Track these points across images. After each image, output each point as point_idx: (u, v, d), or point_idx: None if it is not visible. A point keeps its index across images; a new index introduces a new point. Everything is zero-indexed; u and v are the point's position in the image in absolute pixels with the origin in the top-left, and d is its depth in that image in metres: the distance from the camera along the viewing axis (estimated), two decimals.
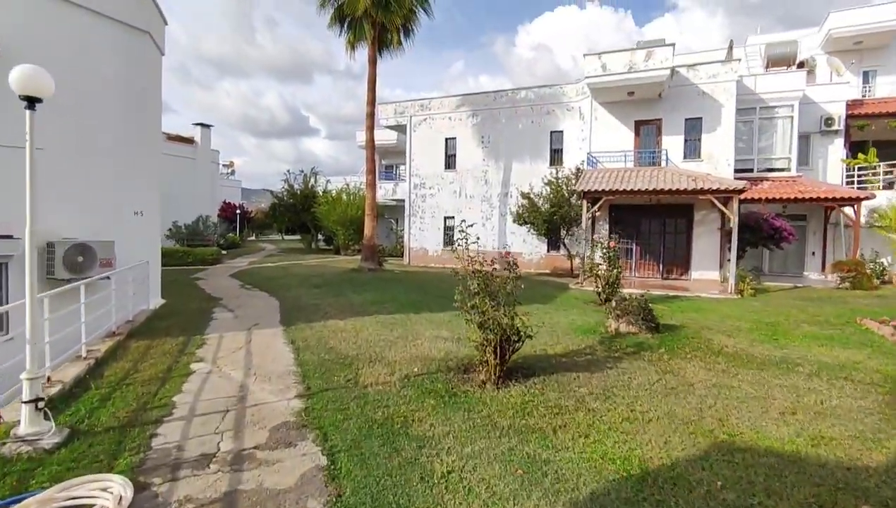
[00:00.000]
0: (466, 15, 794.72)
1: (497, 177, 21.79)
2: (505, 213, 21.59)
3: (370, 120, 18.24)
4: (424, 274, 19.00)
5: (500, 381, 5.90)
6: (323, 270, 19.05)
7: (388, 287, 14.45)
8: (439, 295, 12.89)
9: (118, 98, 9.12)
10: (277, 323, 9.10)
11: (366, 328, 8.68)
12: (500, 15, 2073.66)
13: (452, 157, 22.83)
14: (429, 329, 8.78)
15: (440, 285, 15.19)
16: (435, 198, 23.20)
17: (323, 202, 29.52)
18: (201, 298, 12.03)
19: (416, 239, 23.79)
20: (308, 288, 13.90)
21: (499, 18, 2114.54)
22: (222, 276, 17.18)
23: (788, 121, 18.18)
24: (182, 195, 26.81)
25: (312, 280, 15.85)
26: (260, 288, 14.18)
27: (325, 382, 5.86)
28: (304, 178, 34.14)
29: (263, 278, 16.45)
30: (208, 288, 14.08)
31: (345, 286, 14.46)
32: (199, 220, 25.32)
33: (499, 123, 21.67)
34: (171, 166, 26.17)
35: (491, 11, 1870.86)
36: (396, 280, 16.24)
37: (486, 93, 22.01)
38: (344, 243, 29.17)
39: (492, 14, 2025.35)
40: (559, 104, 20.48)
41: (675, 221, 18.09)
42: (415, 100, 23.51)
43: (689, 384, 6.03)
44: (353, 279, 16.10)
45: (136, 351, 7.03)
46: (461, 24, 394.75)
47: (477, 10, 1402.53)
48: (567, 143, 20.42)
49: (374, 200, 18.48)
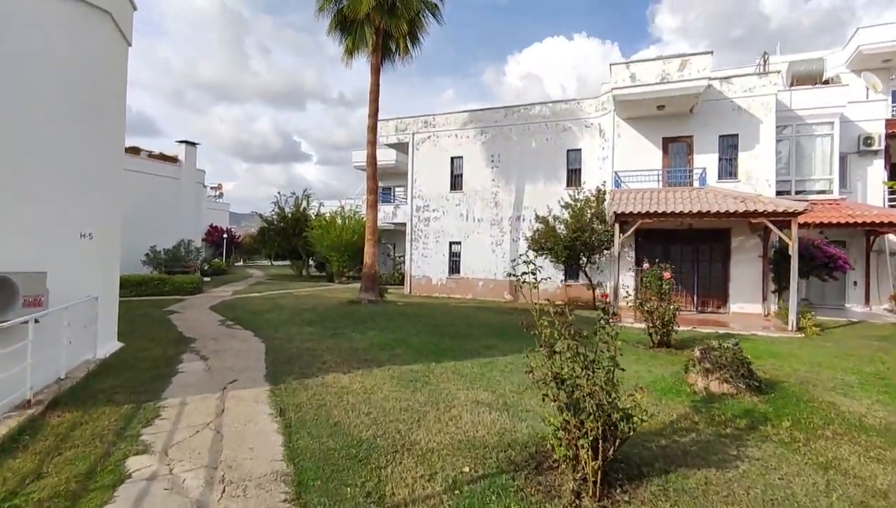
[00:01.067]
0: (457, 44, 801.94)
1: (508, 198, 20.00)
2: (517, 238, 19.72)
3: (372, 133, 16.43)
4: (431, 305, 16.93)
5: (601, 493, 3.85)
6: (316, 301, 16.92)
7: (394, 324, 12.37)
8: (458, 336, 10.85)
9: (66, 88, 7.16)
10: (262, 379, 6.98)
11: (379, 387, 6.59)
12: (491, 45, 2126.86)
13: (459, 178, 21.06)
14: (461, 388, 6.71)
15: (454, 321, 13.14)
16: (439, 222, 21.31)
17: (316, 226, 27.52)
18: (170, 340, 9.85)
19: (418, 266, 21.79)
20: (300, 326, 11.78)
21: (489, 48, 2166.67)
22: (201, 309, 14.98)
23: (828, 139, 16.68)
24: (163, 217, 24.68)
25: (305, 314, 13.72)
26: (243, 324, 12.03)
27: (333, 499, 3.75)
28: (295, 201, 32.16)
29: (248, 312, 14.29)
30: (182, 324, 11.90)
31: (344, 322, 12.35)
32: (181, 245, 23.14)
33: (510, 141, 20.01)
34: (152, 186, 24.19)
35: (481, 42, 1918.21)
36: (402, 314, 14.16)
37: (495, 109, 20.40)
38: (338, 270, 27.07)
39: (482, 44, 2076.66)
40: (576, 120, 18.89)
41: (709, 248, 16.31)
42: (418, 116, 21.85)
43: (879, 492, 4.02)
44: (353, 313, 14.00)
45: (53, 433, 4.88)
46: (452, 54, 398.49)
47: (468, 41, 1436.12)
48: (586, 163, 18.75)
49: (375, 223, 16.53)
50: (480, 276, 20.38)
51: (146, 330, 10.81)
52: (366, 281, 16.20)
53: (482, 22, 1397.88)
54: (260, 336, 10.46)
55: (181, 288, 18.99)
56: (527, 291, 4.66)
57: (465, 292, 20.63)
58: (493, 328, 12.21)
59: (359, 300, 15.99)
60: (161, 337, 10.04)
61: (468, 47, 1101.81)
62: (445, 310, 15.63)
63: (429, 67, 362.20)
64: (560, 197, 18.35)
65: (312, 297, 18.50)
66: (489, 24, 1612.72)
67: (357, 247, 26.78)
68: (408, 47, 16.62)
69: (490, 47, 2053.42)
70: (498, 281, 20.05)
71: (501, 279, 19.98)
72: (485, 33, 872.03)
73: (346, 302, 16.16)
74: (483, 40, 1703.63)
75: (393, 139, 22.44)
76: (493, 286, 20.11)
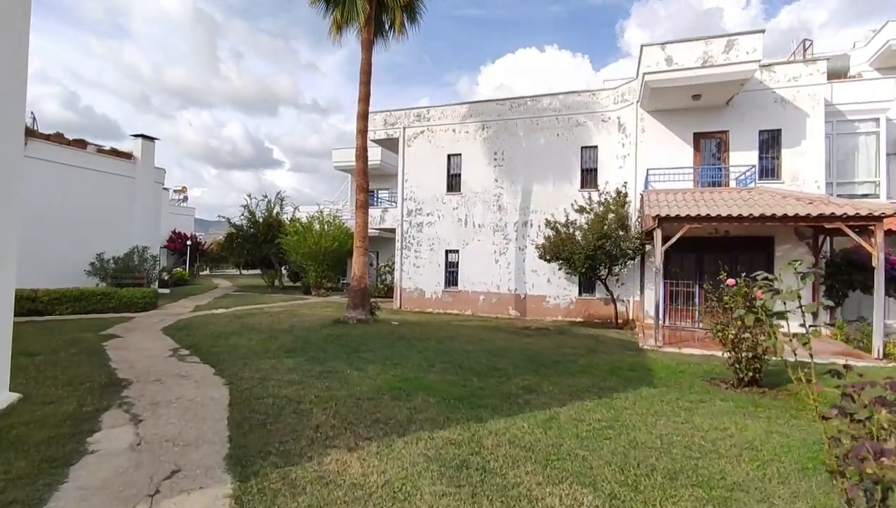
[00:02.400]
0: (432, 54, 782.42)
1: (513, 201, 17.74)
2: (524, 246, 17.46)
3: (363, 121, 13.91)
4: (431, 325, 14.43)
5: None
6: (294, 320, 14.21)
7: (396, 352, 9.84)
8: (482, 370, 8.43)
9: None
10: (220, 467, 4.38)
11: (414, 484, 4.08)
12: (464, 56, 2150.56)
13: (457, 178, 18.71)
14: (541, 479, 4.25)
15: (468, 347, 10.68)
16: (434, 228, 18.88)
17: (291, 232, 24.69)
18: (94, 384, 7.09)
19: (409, 277, 19.26)
20: (276, 356, 9.13)
21: (463, 59, 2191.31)
22: (151, 331, 12.12)
23: (873, 138, 15.01)
24: (115, 221, 21.45)
25: (281, 338, 11.05)
26: (201, 354, 9.30)
27: None
28: (267, 205, 29.20)
29: (210, 335, 11.52)
30: (119, 356, 9.09)
31: (332, 351, 9.75)
32: (134, 253, 19.98)
33: (515, 137, 17.79)
34: (101, 186, 20.97)
35: (457, 51, 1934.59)
36: (402, 338, 11.63)
37: (499, 101, 18.17)
38: (316, 281, 24.27)
39: (457, 54, 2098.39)
40: (592, 114, 16.82)
41: (749, 258, 14.33)
42: (410, 108, 19.45)
43: None
44: (341, 337, 11.39)
45: None
46: (427, 64, 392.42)
47: (442, 51, 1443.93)
48: (602, 161, 16.67)
49: (365, 228, 13.98)
50: (481, 289, 18.00)
51: (65, 368, 7.98)
52: (354, 296, 13.59)
53: (455, 33, 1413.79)
54: (222, 374, 7.79)
55: (131, 303, 15.97)
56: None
57: (463, 307, 18.21)
58: (520, 356, 9.82)
59: (346, 319, 13.37)
60: (82, 380, 7.25)
61: (442, 58, 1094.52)
62: (450, 331, 13.16)
63: (404, 77, 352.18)
64: (573, 199, 16.23)
65: (289, 314, 15.74)
66: (463, 36, 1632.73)
67: (337, 255, 24.13)
68: (404, 23, 14.26)
69: (463, 58, 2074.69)
70: (502, 294, 17.70)
71: (506, 292, 17.64)
72: (458, 44, 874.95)
73: (331, 322, 13.51)
74: (457, 51, 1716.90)
75: (381, 134, 19.94)
76: (496, 301, 17.74)
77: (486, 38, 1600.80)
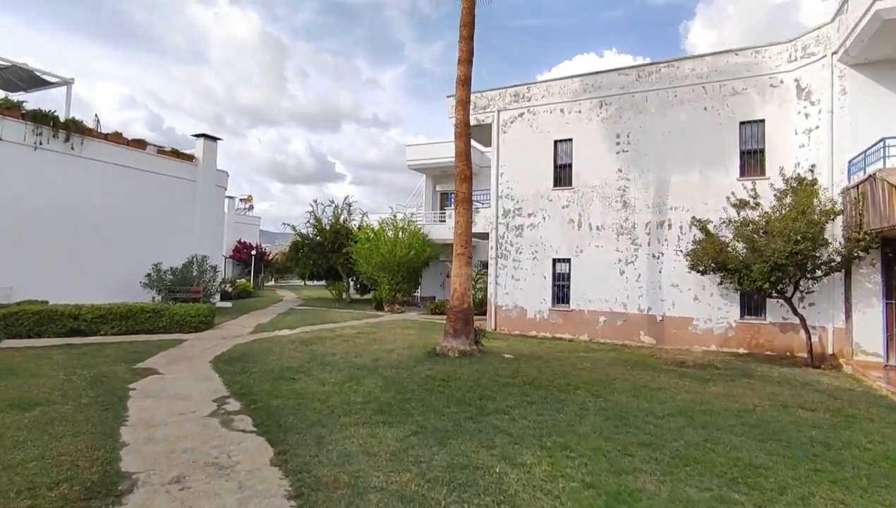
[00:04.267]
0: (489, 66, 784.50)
1: (643, 196, 13.86)
2: (660, 254, 13.50)
3: (463, 89, 10.69)
4: (552, 358, 10.82)
5: None
6: (375, 347, 11.09)
7: (546, 417, 6.31)
8: (719, 467, 4.64)
9: None
10: None
11: None
12: (521, 64, 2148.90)
13: (566, 169, 15.09)
14: None
15: (638, 402, 6.95)
16: (537, 231, 15.30)
17: (361, 239, 21.94)
18: (71, 488, 4.08)
19: (506, 292, 15.75)
20: (367, 423, 5.87)
21: (520, 67, 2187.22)
22: (198, 363, 9.33)
23: None
24: (174, 228, 19.55)
25: (366, 382, 7.85)
26: (256, 412, 6.24)
27: None
28: (334, 211, 26.76)
29: (269, 372, 8.52)
30: (141, 413, 6.19)
31: (449, 413, 6.37)
32: (193, 263, 17.82)
33: (645, 114, 13.96)
34: (160, 189, 19.12)
35: (513, 62, 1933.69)
36: (532, 384, 8.10)
37: (622, 70, 14.41)
38: (389, 296, 21.28)
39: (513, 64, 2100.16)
40: (754, 78, 12.73)
41: None
42: (505, 87, 16.08)
43: None
44: (448, 381, 8.03)
45: None
46: (483, 76, 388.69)
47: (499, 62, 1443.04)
48: (772, 140, 12.51)
49: (469, 227, 10.64)
50: (601, 308, 14.18)
51: (53, 440, 5.09)
52: (455, 320, 10.20)
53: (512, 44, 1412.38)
54: (286, 462, 4.61)
55: (184, 322, 13.50)
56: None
57: (577, 330, 14.45)
58: (747, 431, 6.03)
59: (444, 350, 10.02)
60: (59, 477, 4.26)
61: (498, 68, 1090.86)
62: (587, 370, 9.50)
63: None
64: (730, 191, 12.16)
65: (366, 339, 12.66)
66: (519, 45, 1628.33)
67: (414, 265, 21.08)
68: None
69: (520, 69, 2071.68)
70: (630, 315, 13.79)
71: (635, 313, 13.72)
72: (515, 52, 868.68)
73: (424, 355, 10.21)
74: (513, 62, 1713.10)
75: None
76: (622, 323, 13.85)
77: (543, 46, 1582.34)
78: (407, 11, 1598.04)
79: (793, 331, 11.95)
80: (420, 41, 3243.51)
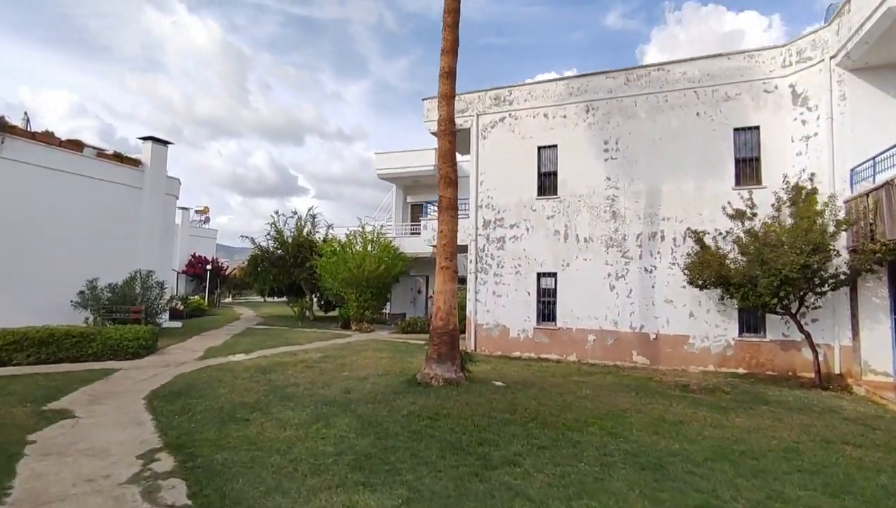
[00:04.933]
0: (459, 81, 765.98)
1: (634, 206, 13.02)
2: (652, 267, 12.64)
3: (447, 82, 9.53)
4: (546, 385, 9.64)
5: None
6: (346, 375, 9.62)
7: (563, 470, 5.06)
8: None
9: None
10: None
11: None
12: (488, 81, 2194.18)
13: (551, 177, 14.13)
14: None
15: (667, 443, 5.79)
16: (520, 243, 14.23)
17: (327, 252, 20.35)
18: None
19: (487, 310, 14.53)
20: (343, 486, 4.46)
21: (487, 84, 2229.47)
22: (129, 401, 7.65)
23: None
24: (117, 240, 17.50)
25: (337, 422, 6.42)
26: (194, 474, 4.73)
27: None
28: (297, 223, 25.03)
29: (216, 411, 6.96)
30: (31, 481, 4.59)
31: (446, 468, 5.02)
32: (136, 278, 15.81)
33: (634, 120, 13.19)
34: (101, 197, 17.08)
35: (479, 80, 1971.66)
36: (536, 421, 6.85)
37: (609, 74, 13.63)
38: (357, 313, 19.72)
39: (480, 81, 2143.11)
40: (749, 83, 12.15)
41: None
42: (485, 90, 15.07)
43: None
44: (437, 419, 6.68)
45: None
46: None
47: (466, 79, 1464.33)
48: (768, 147, 11.91)
49: (454, 236, 9.40)
50: (590, 326, 13.16)
51: None
52: (440, 343, 8.84)
53: (479, 59, 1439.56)
54: None
55: (119, 348, 11.64)
56: None
57: (565, 350, 13.37)
58: (816, 475, 4.97)
59: (427, 379, 8.65)
60: None
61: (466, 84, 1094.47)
62: (589, 399, 8.35)
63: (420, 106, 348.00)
64: (725, 200, 11.41)
65: (334, 364, 11.15)
66: (486, 61, 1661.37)
67: (384, 280, 19.66)
68: None
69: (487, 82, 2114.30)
70: (621, 333, 12.82)
71: (627, 331, 12.76)
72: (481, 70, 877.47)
73: (403, 383, 8.82)
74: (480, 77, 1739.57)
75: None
76: (612, 342, 12.85)
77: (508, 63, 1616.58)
78: (372, 27, 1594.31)
79: (794, 349, 11.22)
80: (385, 57, 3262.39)
